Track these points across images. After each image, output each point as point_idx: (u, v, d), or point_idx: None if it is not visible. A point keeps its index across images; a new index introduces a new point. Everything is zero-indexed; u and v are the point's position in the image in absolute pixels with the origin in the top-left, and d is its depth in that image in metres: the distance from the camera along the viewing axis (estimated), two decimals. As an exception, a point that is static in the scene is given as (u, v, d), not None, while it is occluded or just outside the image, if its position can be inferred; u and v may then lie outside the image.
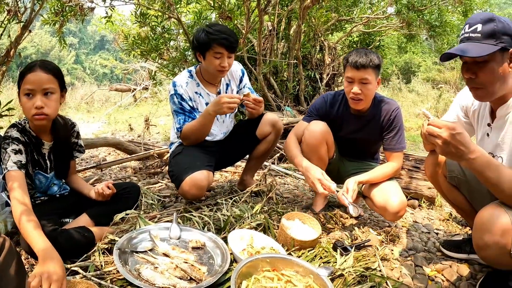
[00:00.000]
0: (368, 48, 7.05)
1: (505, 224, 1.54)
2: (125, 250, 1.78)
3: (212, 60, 2.50)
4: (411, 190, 3.33)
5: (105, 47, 41.72)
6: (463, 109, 2.06)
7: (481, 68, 1.63)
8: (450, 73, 18.13)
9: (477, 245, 1.66)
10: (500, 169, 1.55)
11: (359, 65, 2.29)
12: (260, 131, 2.82)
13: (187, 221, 2.25)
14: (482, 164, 1.54)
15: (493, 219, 1.58)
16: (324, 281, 1.65)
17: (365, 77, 2.31)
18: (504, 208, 1.58)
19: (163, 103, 10.97)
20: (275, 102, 5.55)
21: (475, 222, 1.67)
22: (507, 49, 1.60)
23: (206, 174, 2.39)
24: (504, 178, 1.54)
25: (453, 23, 7.62)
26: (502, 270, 1.86)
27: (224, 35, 2.44)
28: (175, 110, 2.60)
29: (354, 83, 2.34)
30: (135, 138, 6.00)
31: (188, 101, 2.61)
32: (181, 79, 2.64)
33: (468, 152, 1.52)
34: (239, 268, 1.62)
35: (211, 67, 2.53)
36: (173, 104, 2.61)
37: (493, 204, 1.64)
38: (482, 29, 1.60)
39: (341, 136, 2.62)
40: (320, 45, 6.48)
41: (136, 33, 5.03)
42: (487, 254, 1.64)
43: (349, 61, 2.33)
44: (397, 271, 2.05)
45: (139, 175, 3.79)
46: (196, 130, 2.54)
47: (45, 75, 1.86)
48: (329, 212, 2.65)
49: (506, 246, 1.54)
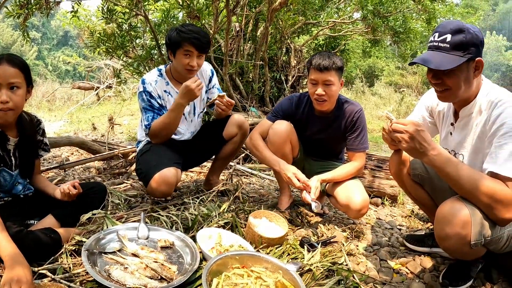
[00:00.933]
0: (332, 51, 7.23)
1: (465, 216, 1.64)
2: (94, 251, 1.75)
3: (181, 58, 2.50)
4: (374, 189, 3.44)
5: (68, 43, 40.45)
6: (428, 110, 2.16)
7: (447, 75, 1.72)
8: (412, 78, 18.81)
9: (438, 236, 1.75)
10: (459, 165, 1.65)
11: (322, 67, 2.35)
12: (226, 132, 2.84)
13: (154, 221, 2.23)
14: (442, 160, 1.63)
15: (453, 212, 1.67)
16: (293, 276, 1.68)
17: (328, 79, 2.37)
18: (464, 202, 1.68)
19: (127, 102, 10.77)
20: (240, 102, 5.57)
21: (436, 214, 1.76)
22: (473, 59, 1.69)
23: (175, 171, 2.38)
24: (463, 174, 1.63)
25: (416, 30, 7.88)
26: (463, 261, 1.98)
27: (196, 35, 2.45)
28: (144, 107, 2.58)
29: (318, 85, 2.40)
30: (99, 137, 5.86)
31: (157, 98, 2.59)
32: (151, 77, 2.62)
33: (430, 148, 1.62)
34: (209, 266, 1.62)
35: (180, 65, 2.53)
36: (142, 101, 2.58)
37: (454, 198, 1.73)
38: (452, 40, 1.68)
39: (306, 136, 2.68)
40: (286, 47, 6.56)
41: (102, 29, 4.91)
42: (448, 244, 1.74)
43: (313, 64, 2.39)
44: (363, 265, 2.12)
45: (103, 175, 3.70)
46: (166, 124, 2.51)
47: (12, 69, 1.81)
48: (294, 210, 2.71)
49: (466, 237, 1.64)
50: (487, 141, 1.73)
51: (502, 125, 1.64)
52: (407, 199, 3.48)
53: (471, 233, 1.63)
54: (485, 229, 1.66)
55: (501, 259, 2.08)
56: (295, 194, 3.33)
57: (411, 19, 7.76)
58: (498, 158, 1.63)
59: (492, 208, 1.62)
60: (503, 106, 1.68)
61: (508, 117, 1.64)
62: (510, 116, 1.64)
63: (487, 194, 1.60)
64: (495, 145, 1.66)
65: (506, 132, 1.63)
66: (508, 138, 1.62)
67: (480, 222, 1.65)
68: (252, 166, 4.24)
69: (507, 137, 1.62)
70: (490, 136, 1.70)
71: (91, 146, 4.33)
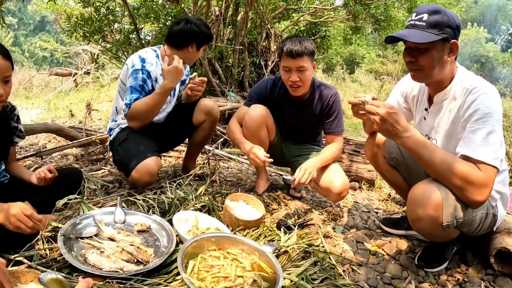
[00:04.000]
0: (312, 37, 7.22)
1: (436, 198, 1.68)
2: (70, 237, 1.74)
3: (197, 54, 2.62)
4: (351, 173, 3.49)
5: (45, 28, 39.27)
6: (403, 95, 2.20)
7: (422, 53, 1.75)
8: (392, 66, 18.99)
9: (411, 218, 1.80)
10: (432, 148, 1.69)
11: (294, 53, 2.32)
12: (195, 119, 2.80)
13: (131, 205, 2.22)
14: (415, 142, 1.67)
15: (425, 194, 1.71)
16: (269, 257, 1.70)
17: (301, 64, 2.35)
18: (436, 184, 1.72)
19: (106, 88, 10.58)
20: (219, 87, 5.53)
21: (409, 197, 1.80)
22: (448, 40, 1.73)
23: (156, 160, 2.35)
24: (436, 157, 1.67)
25: (398, 18, 7.93)
26: (438, 243, 2.02)
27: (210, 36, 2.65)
28: (134, 86, 2.44)
29: (292, 72, 2.38)
30: (77, 124, 5.76)
31: (153, 81, 2.53)
32: (151, 58, 2.54)
33: (403, 130, 1.65)
34: (185, 248, 1.63)
35: (193, 58, 2.64)
36: (134, 80, 2.45)
37: (426, 181, 1.78)
38: (428, 19, 1.72)
39: (282, 120, 2.68)
40: (266, 32, 6.51)
41: (79, 13, 4.80)
42: (421, 226, 1.79)
43: (284, 51, 2.35)
44: (339, 247, 2.15)
45: (81, 162, 3.65)
46: (150, 107, 2.42)
47: (6, 62, 1.72)
48: (272, 193, 2.73)
49: (438, 219, 1.69)
50: (460, 126, 1.77)
51: (476, 111, 1.69)
52: (384, 184, 3.53)
53: (442, 214, 1.68)
54: (457, 211, 1.71)
55: (475, 242, 2.15)
56: (273, 177, 3.35)
57: (392, 8, 7.79)
58: (471, 142, 1.67)
59: (464, 190, 1.66)
60: (477, 92, 1.71)
61: (482, 104, 1.68)
62: (484, 103, 1.68)
63: (459, 176, 1.64)
64: (468, 130, 1.70)
65: (479, 118, 1.67)
66: (481, 123, 1.67)
67: (452, 204, 1.69)
68: (231, 151, 4.25)
69: (480, 123, 1.67)
70: (463, 122, 1.74)
71: (68, 132, 4.25)
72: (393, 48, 19.98)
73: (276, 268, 1.63)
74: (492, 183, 1.68)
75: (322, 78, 14.67)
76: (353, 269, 1.94)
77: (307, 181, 2.26)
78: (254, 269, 1.65)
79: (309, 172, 2.29)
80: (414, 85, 2.11)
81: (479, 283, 1.94)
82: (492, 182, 1.67)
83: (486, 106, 1.68)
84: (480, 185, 1.64)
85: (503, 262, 1.96)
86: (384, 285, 1.85)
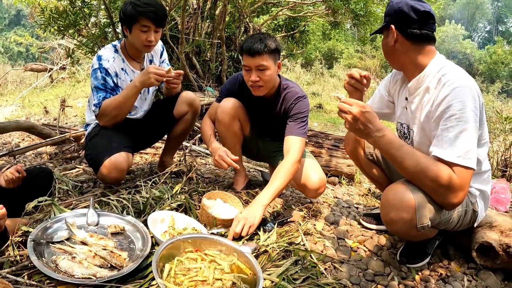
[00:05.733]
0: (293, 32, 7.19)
1: (409, 201, 1.66)
2: (41, 242, 1.66)
3: (138, 34, 2.37)
4: (331, 168, 3.47)
5: (21, 22, 38.28)
6: (386, 89, 2.19)
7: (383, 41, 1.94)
8: (371, 61, 19.24)
9: (385, 221, 1.79)
10: (405, 149, 1.65)
11: (253, 52, 2.20)
12: (177, 111, 2.75)
13: (105, 206, 2.14)
14: (387, 142, 1.64)
15: (397, 197, 1.69)
16: (248, 258, 1.66)
17: (261, 63, 2.22)
18: (409, 186, 1.69)
19: (82, 84, 10.35)
20: (196, 82, 5.44)
21: (381, 200, 1.79)
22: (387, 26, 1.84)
23: (125, 156, 2.29)
24: (408, 158, 1.64)
25: (377, 14, 7.93)
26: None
27: (152, 8, 2.33)
28: (96, 85, 2.41)
29: (252, 71, 2.27)
30: (52, 121, 5.61)
31: (113, 77, 2.46)
32: (107, 54, 2.48)
33: (375, 130, 1.62)
34: (159, 251, 1.57)
35: (137, 41, 2.41)
36: (95, 80, 2.41)
37: (398, 182, 1.75)
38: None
39: (253, 116, 2.62)
40: (245, 26, 6.43)
41: (54, 6, 4.62)
42: (395, 228, 1.77)
43: (244, 49, 2.25)
44: (320, 244, 2.12)
45: (55, 161, 3.55)
46: (118, 104, 2.37)
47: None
48: (250, 190, 2.68)
49: (412, 221, 1.66)
50: (433, 123, 1.73)
51: (448, 107, 1.64)
52: (364, 178, 3.53)
53: (416, 217, 1.66)
54: (432, 212, 1.69)
55: (456, 236, 2.15)
56: (251, 173, 3.31)
57: (372, 3, 7.79)
58: (444, 141, 1.64)
59: (437, 193, 1.65)
60: (450, 86, 1.66)
61: (454, 100, 1.63)
62: (456, 98, 1.63)
63: (432, 179, 1.61)
64: (441, 127, 1.66)
65: (452, 115, 1.63)
66: (454, 121, 1.62)
67: (425, 206, 1.67)
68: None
69: (453, 120, 1.62)
70: (436, 118, 1.70)
71: (41, 130, 4.12)
72: (371, 43, 20.21)
73: (255, 269, 1.59)
74: (467, 185, 1.63)
75: (301, 73, 14.74)
76: (335, 267, 1.92)
77: (247, 233, 2.00)
78: (233, 271, 1.61)
79: (249, 223, 2.00)
80: (398, 78, 2.08)
81: (461, 277, 1.95)
82: (466, 184, 1.63)
83: (459, 102, 1.62)
84: (453, 187, 1.60)
85: (485, 256, 1.96)
86: (367, 282, 1.84)
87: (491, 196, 2.80)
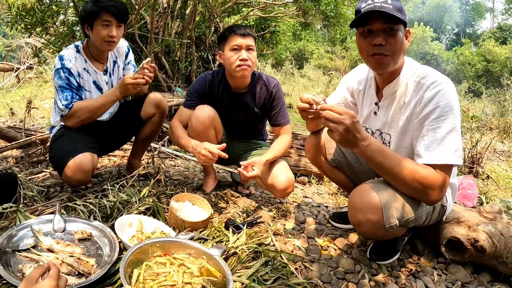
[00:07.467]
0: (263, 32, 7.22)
1: (375, 203, 1.66)
2: (6, 250, 1.61)
3: (100, 30, 2.35)
4: (300, 168, 3.50)
5: (-12, 20, 36.71)
6: (349, 90, 2.16)
7: (392, 36, 1.68)
8: (340, 61, 19.52)
9: (352, 222, 1.79)
10: (391, 155, 1.65)
11: (245, 33, 2.38)
12: (144, 112, 2.72)
13: (71, 211, 2.09)
14: (373, 150, 1.62)
15: (362, 199, 1.70)
16: (217, 260, 1.65)
17: (251, 44, 2.40)
18: (374, 187, 1.70)
19: (49, 84, 10.04)
20: (166, 82, 5.39)
21: (348, 202, 1.79)
22: (406, 25, 1.70)
23: (90, 156, 2.24)
24: (395, 164, 1.64)
25: (347, 15, 8.05)
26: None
27: (112, 3, 2.33)
28: (61, 85, 2.38)
29: (241, 50, 2.38)
30: (18, 124, 5.41)
31: (76, 76, 2.42)
32: (69, 54, 2.44)
33: (361, 139, 1.58)
34: (127, 256, 1.54)
35: (98, 38, 2.37)
36: (59, 79, 2.39)
37: (363, 184, 1.76)
38: (393, 3, 1.65)
39: (226, 116, 2.62)
40: (215, 26, 6.42)
41: (21, 3, 4.45)
42: (363, 230, 1.78)
43: (234, 30, 2.39)
44: (290, 245, 2.12)
45: (21, 165, 3.43)
46: (93, 109, 2.41)
47: None
48: (220, 191, 2.67)
49: (379, 222, 1.67)
50: (417, 123, 1.73)
51: (435, 108, 1.65)
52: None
53: (383, 218, 1.66)
54: (399, 212, 1.69)
55: (423, 232, 2.20)
56: (220, 174, 3.30)
57: (342, 5, 7.91)
58: (432, 141, 1.65)
59: (424, 193, 1.65)
60: (436, 88, 1.67)
61: (441, 101, 1.64)
62: (443, 99, 1.64)
63: (420, 181, 1.62)
64: (427, 128, 1.67)
65: (439, 116, 1.64)
66: (441, 121, 1.63)
67: (392, 206, 1.67)
68: (177, 148, 4.15)
69: (440, 121, 1.64)
70: (421, 118, 1.70)
71: (6, 133, 3.97)
72: (341, 44, 20.49)
73: (225, 271, 1.58)
74: (449, 180, 1.67)
75: (271, 73, 14.76)
76: (305, 266, 1.92)
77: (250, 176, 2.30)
78: (202, 274, 1.59)
79: (258, 168, 2.31)
80: (360, 79, 2.07)
81: (431, 271, 1.99)
82: (448, 179, 1.66)
83: (445, 103, 1.63)
84: (439, 186, 1.63)
85: (454, 250, 2.02)
86: (338, 280, 1.85)
87: (458, 192, 2.87)
